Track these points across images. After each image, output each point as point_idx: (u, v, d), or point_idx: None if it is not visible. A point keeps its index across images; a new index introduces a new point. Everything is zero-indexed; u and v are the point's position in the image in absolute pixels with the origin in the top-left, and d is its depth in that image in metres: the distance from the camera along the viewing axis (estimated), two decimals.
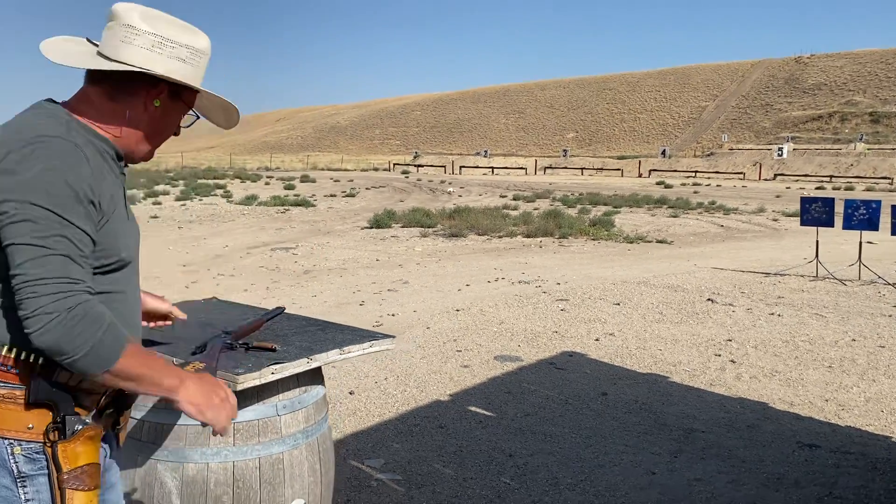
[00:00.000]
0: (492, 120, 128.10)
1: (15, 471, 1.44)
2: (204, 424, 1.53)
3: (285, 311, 2.70)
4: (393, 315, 7.24)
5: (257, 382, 2.06)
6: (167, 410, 2.15)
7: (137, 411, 2.18)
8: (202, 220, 17.42)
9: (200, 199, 24.11)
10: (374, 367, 5.46)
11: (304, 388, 2.32)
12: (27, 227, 1.34)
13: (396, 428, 4.29)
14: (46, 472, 1.45)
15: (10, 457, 1.43)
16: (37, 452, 1.45)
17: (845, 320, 7.25)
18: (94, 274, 1.47)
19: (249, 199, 23.37)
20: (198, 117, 1.72)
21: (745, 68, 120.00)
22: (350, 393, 4.88)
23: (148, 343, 2.12)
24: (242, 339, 2.26)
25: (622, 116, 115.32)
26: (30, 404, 1.44)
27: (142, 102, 1.55)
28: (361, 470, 3.70)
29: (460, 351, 5.95)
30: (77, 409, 1.49)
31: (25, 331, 1.34)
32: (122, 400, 1.59)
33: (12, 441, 1.43)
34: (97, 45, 1.57)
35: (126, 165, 1.62)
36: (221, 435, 1.59)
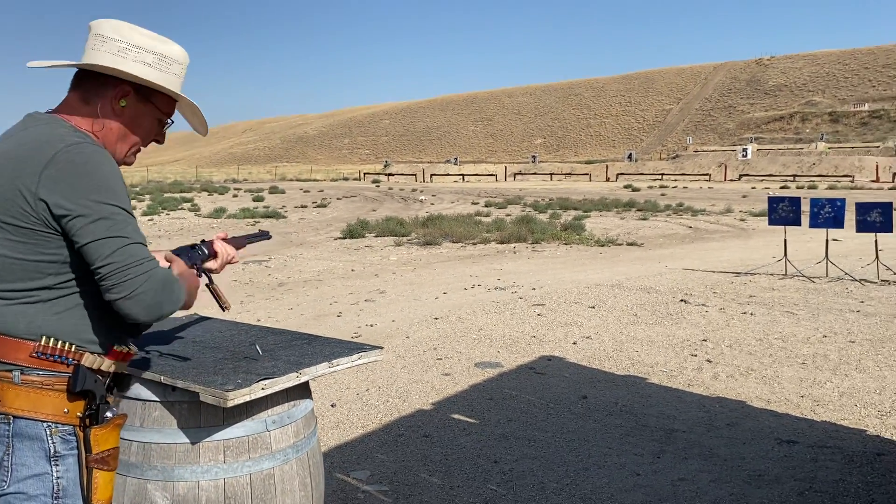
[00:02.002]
0: (461, 127, 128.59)
1: (51, 450, 1.57)
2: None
3: (270, 236, 2.71)
4: (371, 325, 7.22)
5: (248, 398, 2.04)
6: (155, 430, 2.13)
7: (126, 431, 2.16)
8: (171, 235, 17.20)
9: (168, 214, 23.81)
10: (356, 378, 5.44)
11: (293, 403, 2.31)
12: (105, 224, 1.50)
13: (381, 438, 4.28)
14: (76, 452, 1.59)
15: (49, 437, 1.57)
16: (70, 434, 1.59)
17: (815, 317, 7.40)
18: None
19: (218, 212, 23.14)
20: (172, 122, 1.82)
21: (707, 71, 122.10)
22: (332, 405, 4.86)
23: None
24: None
25: (588, 122, 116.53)
26: (72, 393, 1.57)
27: (108, 102, 1.67)
28: (347, 482, 3.68)
29: (441, 359, 5.96)
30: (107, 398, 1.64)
31: (124, 310, 1.51)
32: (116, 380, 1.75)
33: (50, 423, 1.57)
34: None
35: None
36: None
